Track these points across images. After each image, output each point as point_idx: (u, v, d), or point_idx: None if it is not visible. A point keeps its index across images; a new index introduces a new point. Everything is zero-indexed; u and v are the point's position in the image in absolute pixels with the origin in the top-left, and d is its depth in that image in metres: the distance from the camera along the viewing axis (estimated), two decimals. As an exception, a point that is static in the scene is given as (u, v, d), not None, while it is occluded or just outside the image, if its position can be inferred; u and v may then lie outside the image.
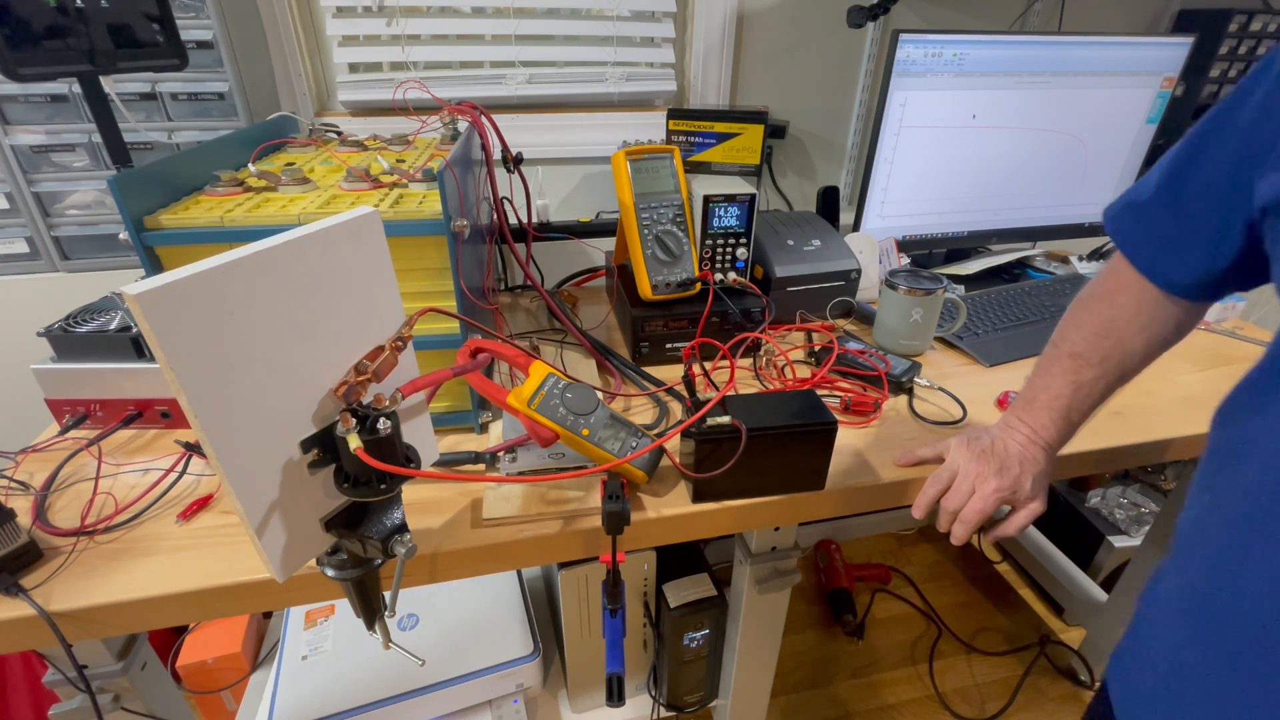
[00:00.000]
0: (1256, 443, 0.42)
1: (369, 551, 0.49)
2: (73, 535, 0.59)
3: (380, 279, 0.49)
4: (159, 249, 0.61)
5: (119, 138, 0.78)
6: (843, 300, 0.99)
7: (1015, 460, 0.62)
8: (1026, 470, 0.61)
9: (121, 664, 0.64)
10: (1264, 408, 0.42)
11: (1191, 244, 0.51)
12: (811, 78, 1.25)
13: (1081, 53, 1.09)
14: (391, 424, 0.45)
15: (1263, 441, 0.41)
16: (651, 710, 1.06)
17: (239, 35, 1.00)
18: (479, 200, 0.86)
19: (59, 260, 1.05)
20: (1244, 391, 0.46)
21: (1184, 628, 0.45)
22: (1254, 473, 0.41)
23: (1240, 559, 0.41)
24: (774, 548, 0.82)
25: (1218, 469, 0.46)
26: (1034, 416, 0.63)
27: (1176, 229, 0.52)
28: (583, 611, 0.95)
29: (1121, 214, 0.57)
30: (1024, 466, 0.62)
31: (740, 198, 0.87)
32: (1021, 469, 0.61)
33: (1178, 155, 0.52)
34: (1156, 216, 0.54)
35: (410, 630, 1.00)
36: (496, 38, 1.12)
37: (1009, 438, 0.63)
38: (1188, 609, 0.45)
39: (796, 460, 0.64)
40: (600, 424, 0.62)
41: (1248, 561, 0.41)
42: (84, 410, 0.72)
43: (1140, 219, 0.55)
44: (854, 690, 1.41)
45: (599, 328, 0.98)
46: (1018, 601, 1.62)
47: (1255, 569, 0.40)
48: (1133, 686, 0.51)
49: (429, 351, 0.68)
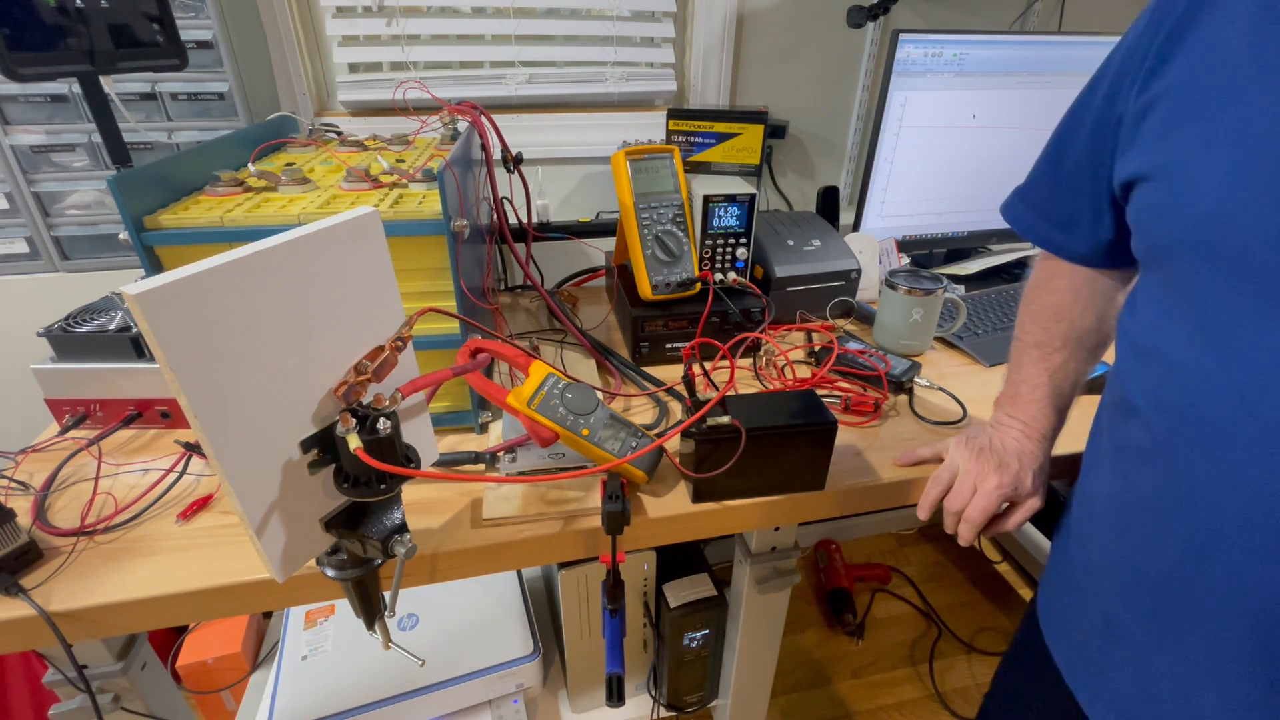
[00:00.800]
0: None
1: (369, 551, 0.49)
2: (72, 535, 0.59)
3: (380, 279, 0.49)
4: (159, 249, 0.61)
5: (119, 138, 0.78)
6: (843, 300, 0.99)
7: (1014, 456, 0.62)
8: (1026, 466, 0.62)
9: (121, 664, 0.64)
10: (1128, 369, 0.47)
11: (1077, 218, 0.54)
12: (811, 78, 1.25)
13: (1081, 53, 1.09)
14: (391, 424, 0.45)
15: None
16: (651, 710, 1.06)
17: (239, 35, 1.00)
18: (479, 200, 0.86)
19: (59, 260, 1.05)
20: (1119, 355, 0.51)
21: (1108, 586, 0.49)
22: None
23: (1138, 519, 0.45)
24: (774, 548, 0.82)
25: (1108, 426, 0.50)
26: (1022, 410, 0.63)
27: (1059, 206, 0.56)
28: (583, 611, 0.95)
29: (1013, 201, 0.62)
30: (1023, 462, 0.62)
31: (740, 198, 0.87)
32: (1020, 464, 0.62)
33: (1054, 136, 0.56)
34: (1041, 196, 0.58)
35: (410, 630, 1.00)
36: (496, 38, 1.12)
37: (1004, 435, 0.64)
38: (1108, 568, 0.48)
39: (796, 460, 0.64)
40: (600, 424, 0.62)
41: (1142, 522, 0.45)
42: (84, 410, 0.72)
43: (1028, 202, 0.60)
44: (854, 690, 1.41)
45: (599, 328, 0.98)
46: (1018, 601, 1.62)
47: (1150, 528, 0.44)
48: (1078, 646, 0.54)
49: (429, 351, 0.68)
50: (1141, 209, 0.44)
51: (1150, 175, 0.42)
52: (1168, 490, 0.42)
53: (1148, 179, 0.43)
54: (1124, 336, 0.48)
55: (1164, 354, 0.42)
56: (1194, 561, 0.41)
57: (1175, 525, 0.42)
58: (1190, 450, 0.40)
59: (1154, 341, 0.43)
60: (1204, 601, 0.41)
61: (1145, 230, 0.44)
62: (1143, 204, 0.44)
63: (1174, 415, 0.41)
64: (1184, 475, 0.41)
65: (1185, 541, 0.41)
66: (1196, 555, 0.40)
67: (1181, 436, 0.41)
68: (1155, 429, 0.43)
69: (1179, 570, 0.42)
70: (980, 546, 1.76)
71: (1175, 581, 0.42)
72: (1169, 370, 0.41)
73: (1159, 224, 0.42)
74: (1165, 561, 0.43)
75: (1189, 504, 0.40)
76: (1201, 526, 0.40)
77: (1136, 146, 0.44)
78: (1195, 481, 0.40)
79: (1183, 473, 0.41)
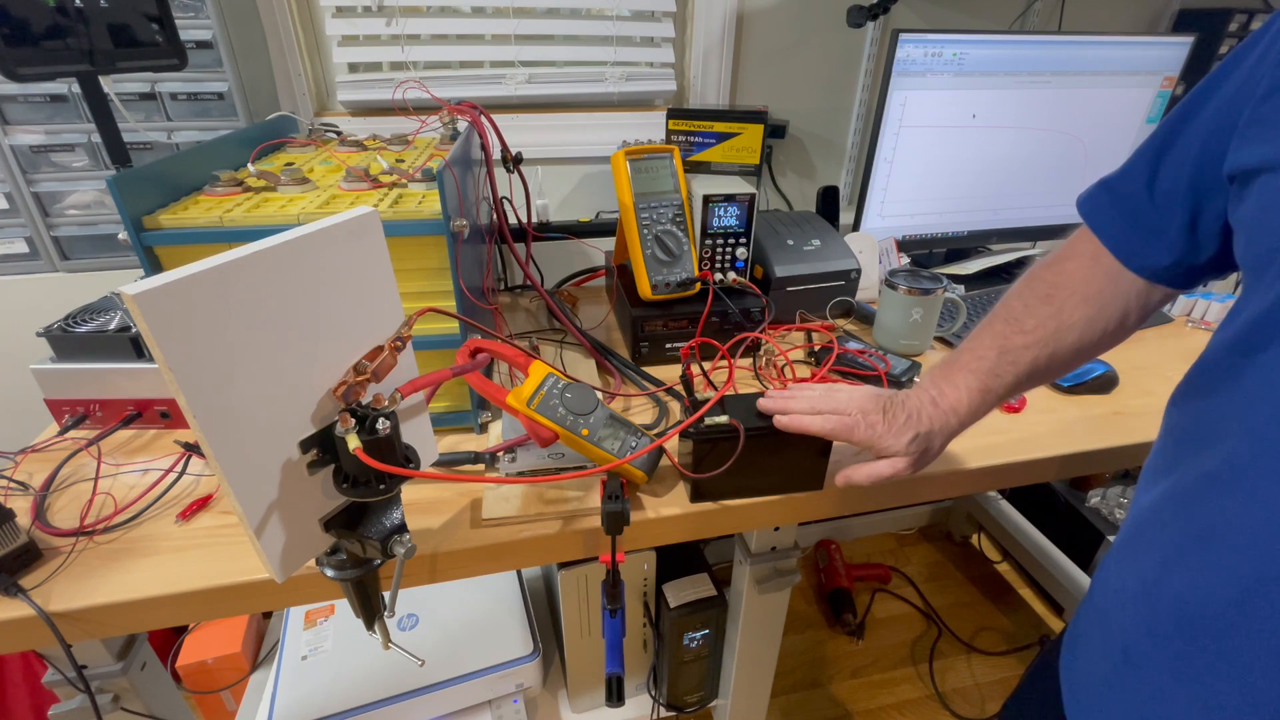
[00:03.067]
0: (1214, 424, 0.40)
1: (368, 552, 0.49)
2: (72, 535, 0.59)
3: (379, 279, 0.49)
4: (158, 249, 0.61)
5: (118, 138, 0.78)
6: (843, 300, 0.99)
7: (905, 410, 0.57)
8: (911, 423, 0.57)
9: (121, 664, 0.64)
10: (1212, 391, 0.42)
11: (1165, 225, 0.49)
12: (811, 77, 1.25)
13: (1081, 52, 1.09)
14: (391, 424, 0.45)
15: (1222, 422, 0.40)
16: (651, 710, 1.06)
17: (238, 35, 1.00)
18: (479, 200, 0.86)
19: (58, 260, 1.05)
20: (1197, 374, 0.45)
21: (1137, 616, 0.44)
22: (1216, 459, 0.40)
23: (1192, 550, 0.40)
24: (774, 548, 0.82)
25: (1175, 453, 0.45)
26: (948, 380, 0.58)
27: (1149, 207, 0.50)
28: (583, 611, 0.95)
29: (1095, 193, 0.55)
30: (911, 419, 0.57)
31: (740, 197, 0.87)
32: (907, 420, 0.57)
33: (1156, 132, 0.50)
34: (1129, 192, 0.52)
35: (410, 630, 1.00)
36: (496, 37, 1.12)
37: (914, 394, 0.59)
38: (1143, 597, 0.44)
39: (795, 460, 0.64)
40: (600, 424, 0.62)
41: (1196, 554, 0.40)
42: (83, 410, 0.72)
43: (1113, 196, 0.53)
44: (854, 690, 1.41)
45: (599, 328, 0.98)
46: (1018, 601, 1.62)
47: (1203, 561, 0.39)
48: (1084, 674, 0.50)
49: (428, 351, 0.68)
50: (1264, 205, 0.38)
51: (1276, 165, 0.38)
52: (1234, 523, 0.38)
53: (1273, 169, 0.38)
54: (1216, 356, 0.43)
55: (1265, 371, 0.38)
56: (1246, 602, 0.37)
57: (1233, 561, 0.38)
58: (1268, 476, 0.36)
59: (1255, 359, 0.39)
60: (1247, 646, 0.37)
61: (1266, 229, 0.38)
62: (1266, 199, 0.38)
63: (1261, 440, 0.37)
64: (1259, 502, 0.37)
65: (1241, 579, 0.37)
66: (1250, 595, 0.37)
67: (1263, 461, 0.37)
68: (1235, 454, 0.39)
69: (1225, 610, 0.38)
70: (980, 546, 1.76)
71: (1222, 619, 0.38)
72: (1267, 390, 0.37)
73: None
74: (1212, 598, 0.39)
75: (1255, 539, 0.37)
76: (1268, 560, 0.36)
77: (1259, 129, 0.39)
78: (1270, 509, 0.36)
79: (1258, 500, 0.37)
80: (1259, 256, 0.39)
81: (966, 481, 0.72)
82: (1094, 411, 0.81)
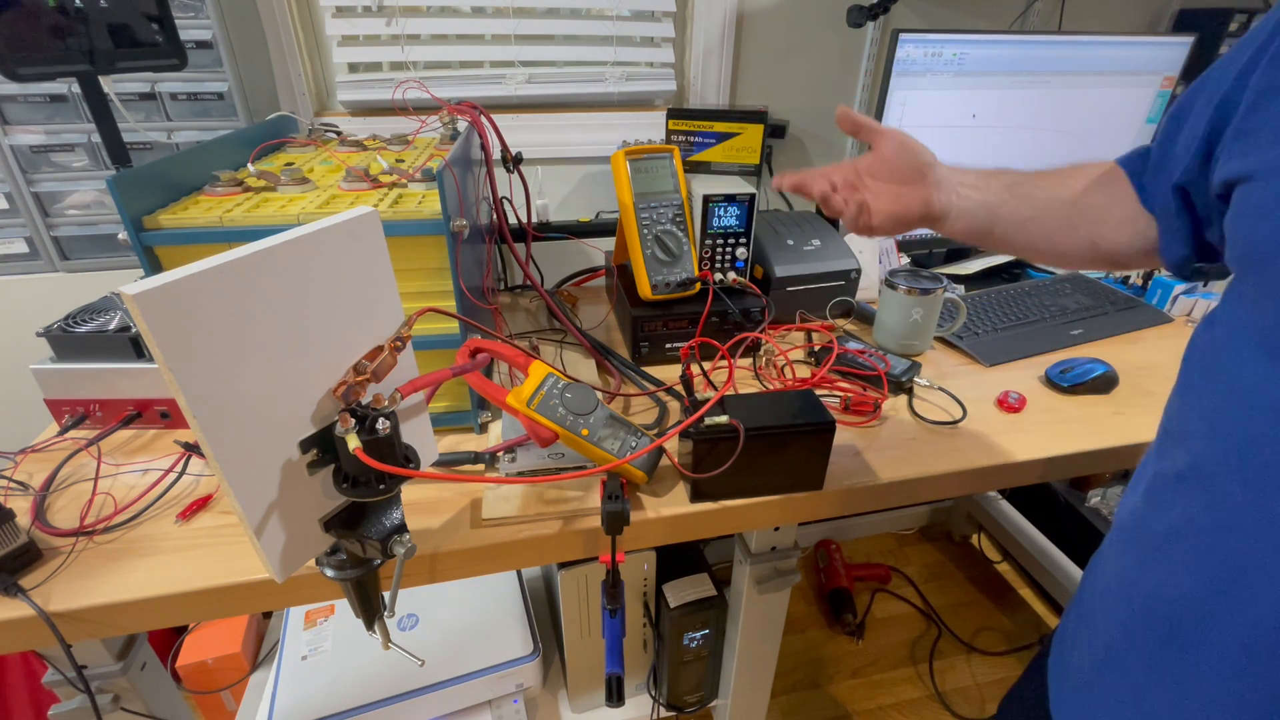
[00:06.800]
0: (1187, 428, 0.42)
1: (368, 552, 0.49)
2: (72, 535, 0.59)
3: (379, 279, 0.49)
4: (158, 249, 0.61)
5: (118, 138, 0.78)
6: (843, 300, 0.99)
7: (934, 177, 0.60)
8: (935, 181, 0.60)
9: (121, 664, 0.64)
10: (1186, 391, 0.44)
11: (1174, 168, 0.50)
12: (811, 77, 1.25)
13: (1081, 52, 1.09)
14: (390, 424, 0.45)
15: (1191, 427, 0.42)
16: (651, 710, 1.06)
17: (238, 35, 1.00)
18: (478, 200, 0.86)
19: (58, 260, 1.05)
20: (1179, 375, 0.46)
21: (1117, 615, 0.45)
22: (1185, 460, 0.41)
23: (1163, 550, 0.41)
24: (774, 548, 0.82)
25: (1156, 452, 0.46)
26: (960, 173, 0.62)
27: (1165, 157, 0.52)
28: (583, 611, 0.95)
29: (1132, 153, 0.59)
30: (938, 179, 0.60)
31: (740, 197, 0.87)
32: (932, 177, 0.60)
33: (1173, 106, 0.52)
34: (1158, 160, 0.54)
35: (410, 630, 1.00)
36: (496, 37, 1.12)
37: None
38: (1122, 596, 0.45)
39: (795, 460, 0.64)
40: (600, 424, 0.62)
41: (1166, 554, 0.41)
42: (83, 410, 0.72)
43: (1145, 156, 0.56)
44: (854, 690, 1.41)
45: (599, 328, 0.98)
46: (1018, 601, 1.62)
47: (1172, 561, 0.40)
48: (1069, 674, 0.51)
49: (428, 351, 0.68)
50: (1243, 211, 0.40)
51: (1255, 175, 0.39)
52: (1199, 523, 0.39)
53: (1252, 179, 0.39)
54: (1194, 356, 0.45)
55: (1231, 373, 0.39)
56: (1215, 598, 0.37)
57: (1199, 561, 0.39)
58: (1231, 477, 0.37)
59: (1223, 360, 0.40)
60: (1219, 644, 0.37)
61: (1244, 232, 0.40)
62: (1245, 205, 0.40)
63: (1225, 439, 0.38)
64: (1221, 503, 0.38)
65: (1210, 575, 0.38)
66: (1219, 591, 0.37)
67: (1227, 462, 0.38)
68: (1201, 454, 0.40)
69: (1197, 606, 0.38)
70: (980, 546, 1.76)
71: (1190, 619, 0.39)
72: (1231, 392, 0.38)
73: (1260, 225, 0.38)
74: (1183, 595, 0.39)
75: (1222, 535, 0.37)
76: (1231, 561, 0.37)
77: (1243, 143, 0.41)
78: (1233, 510, 0.37)
79: (1221, 500, 0.38)
80: (1234, 262, 0.41)
81: (966, 481, 0.72)
82: (1094, 411, 0.81)
